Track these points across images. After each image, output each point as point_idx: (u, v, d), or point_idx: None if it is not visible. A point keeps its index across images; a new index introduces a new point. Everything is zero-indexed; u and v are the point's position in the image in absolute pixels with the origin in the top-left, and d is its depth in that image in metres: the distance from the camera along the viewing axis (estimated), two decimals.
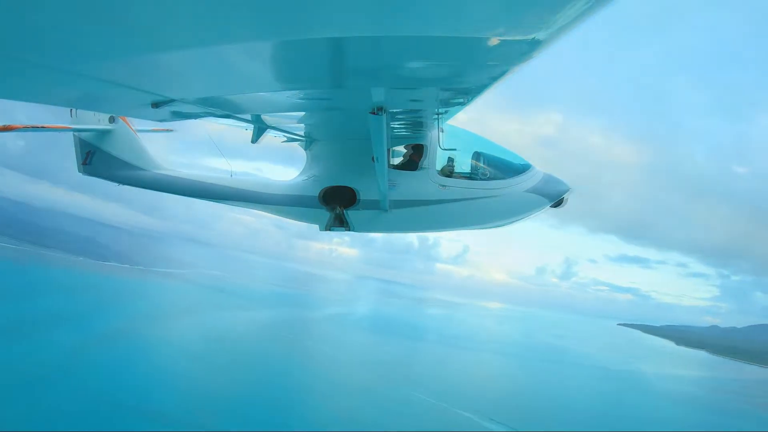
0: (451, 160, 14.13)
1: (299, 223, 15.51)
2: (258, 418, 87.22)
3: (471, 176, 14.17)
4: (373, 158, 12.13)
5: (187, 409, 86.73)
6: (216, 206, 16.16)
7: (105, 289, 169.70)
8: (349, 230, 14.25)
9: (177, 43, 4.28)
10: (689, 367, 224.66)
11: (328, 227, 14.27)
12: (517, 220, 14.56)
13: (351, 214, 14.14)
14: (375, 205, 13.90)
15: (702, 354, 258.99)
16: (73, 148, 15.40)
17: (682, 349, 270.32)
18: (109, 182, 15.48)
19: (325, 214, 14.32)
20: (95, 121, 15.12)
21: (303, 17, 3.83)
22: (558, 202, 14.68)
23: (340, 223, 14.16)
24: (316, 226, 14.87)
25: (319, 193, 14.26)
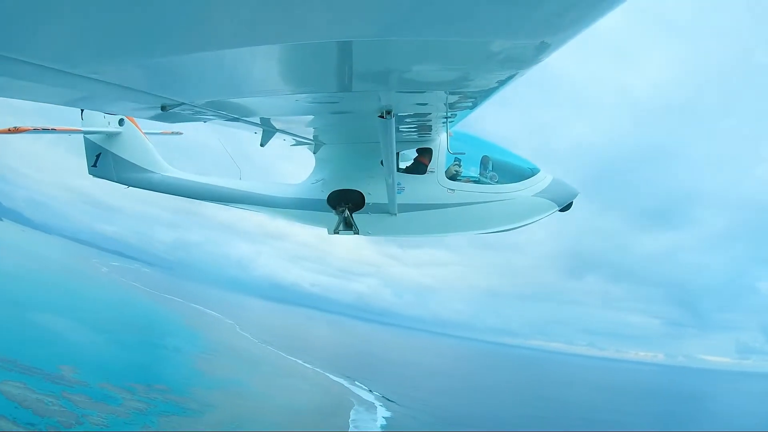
0: (458, 164, 14.15)
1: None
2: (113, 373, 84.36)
3: (479, 180, 14.21)
4: (381, 162, 12.14)
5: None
6: None
7: None
8: (357, 234, 14.23)
9: (186, 47, 4.27)
10: None
11: (336, 230, 14.25)
12: (525, 225, 14.47)
13: (358, 218, 14.13)
14: (383, 209, 13.88)
15: None
16: (84, 150, 15.52)
17: None
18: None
19: (333, 218, 14.29)
20: (104, 123, 15.29)
21: (311, 21, 3.81)
22: (566, 207, 14.66)
23: (347, 226, 14.12)
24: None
25: (327, 197, 14.28)
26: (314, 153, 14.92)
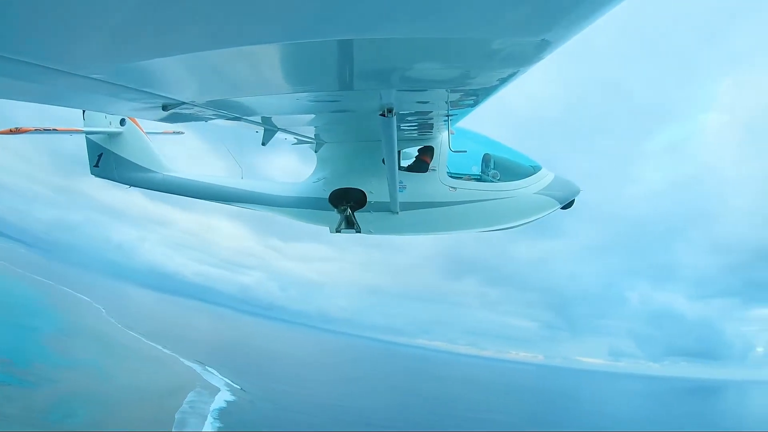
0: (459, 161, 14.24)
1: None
2: None
3: (481, 178, 14.24)
4: (383, 160, 12.25)
5: None
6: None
7: None
8: (359, 232, 14.33)
9: (187, 46, 4.31)
10: None
11: (338, 229, 14.36)
12: (527, 222, 14.58)
13: (360, 216, 14.22)
14: (385, 207, 13.98)
15: None
16: (86, 151, 15.72)
17: None
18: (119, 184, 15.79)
19: (335, 216, 14.39)
20: (106, 123, 15.41)
21: (312, 20, 3.87)
22: (568, 204, 14.83)
23: (349, 225, 14.23)
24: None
25: (329, 195, 14.37)
26: (316, 152, 14.96)
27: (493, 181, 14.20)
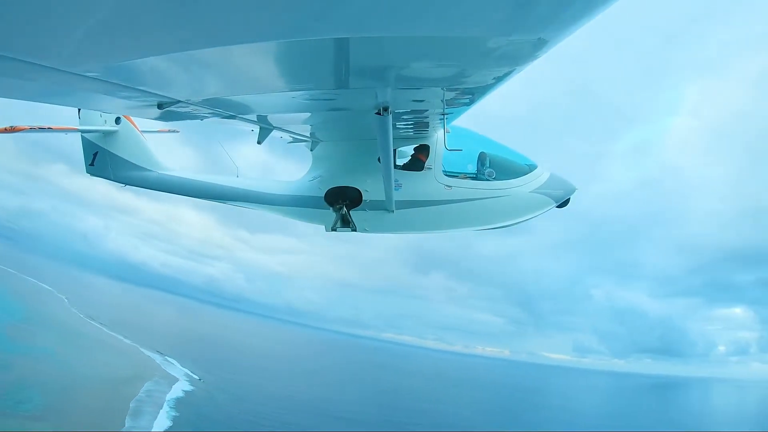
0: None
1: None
2: None
3: (476, 177, 14.23)
4: (378, 159, 12.26)
5: None
6: None
7: None
8: (355, 230, 14.27)
9: (182, 45, 4.29)
10: None
11: (334, 228, 14.30)
12: (522, 221, 14.59)
13: (356, 215, 14.17)
14: (380, 206, 13.96)
15: None
16: (81, 149, 15.65)
17: None
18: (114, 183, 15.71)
19: (331, 215, 14.34)
20: (101, 121, 15.32)
21: (308, 18, 3.86)
22: (563, 203, 14.81)
23: (345, 223, 14.16)
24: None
25: (325, 194, 14.33)
26: (311, 150, 14.89)
27: (488, 180, 14.21)
